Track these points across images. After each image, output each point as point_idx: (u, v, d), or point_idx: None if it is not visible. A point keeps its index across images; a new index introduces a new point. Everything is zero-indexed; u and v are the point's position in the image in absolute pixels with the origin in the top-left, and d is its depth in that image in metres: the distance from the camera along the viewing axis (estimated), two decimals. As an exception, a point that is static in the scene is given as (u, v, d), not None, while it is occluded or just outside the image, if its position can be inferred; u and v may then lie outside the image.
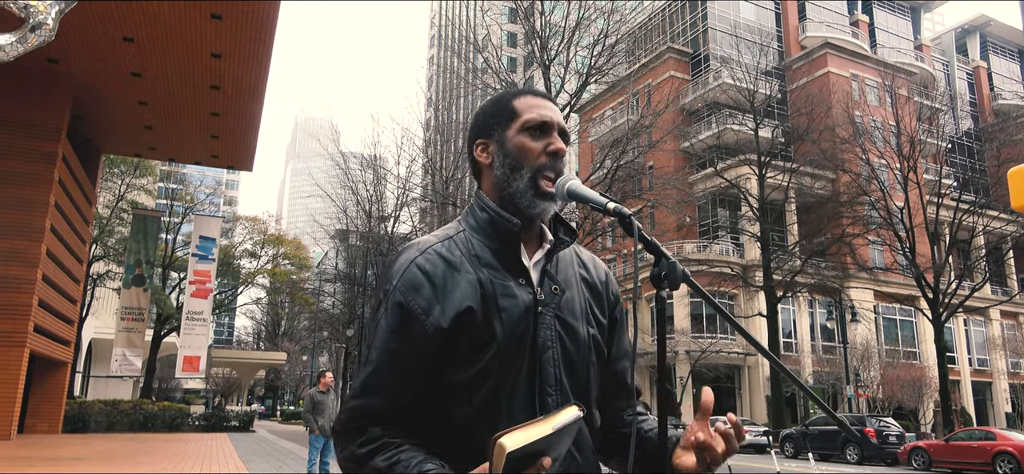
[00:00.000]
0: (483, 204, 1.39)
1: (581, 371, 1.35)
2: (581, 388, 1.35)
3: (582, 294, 1.42)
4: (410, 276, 1.30)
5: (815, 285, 33.97)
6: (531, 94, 1.44)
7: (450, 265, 1.31)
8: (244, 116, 19.56)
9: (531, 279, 1.34)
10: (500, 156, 1.38)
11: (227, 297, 47.81)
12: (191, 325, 26.51)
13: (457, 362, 1.27)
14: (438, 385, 1.28)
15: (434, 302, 1.27)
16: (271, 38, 15.95)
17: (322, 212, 43.69)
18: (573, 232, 1.42)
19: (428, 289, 1.28)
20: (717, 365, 38.07)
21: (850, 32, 50.58)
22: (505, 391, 1.27)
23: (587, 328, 1.38)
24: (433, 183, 32.52)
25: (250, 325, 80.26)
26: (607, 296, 1.48)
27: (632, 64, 40.68)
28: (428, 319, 1.26)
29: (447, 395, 1.28)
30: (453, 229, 1.39)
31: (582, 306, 1.40)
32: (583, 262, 1.48)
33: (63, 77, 17.32)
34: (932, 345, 30.31)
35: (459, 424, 1.26)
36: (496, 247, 1.35)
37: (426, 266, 1.30)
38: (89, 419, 23.34)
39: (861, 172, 33.18)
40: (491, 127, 1.41)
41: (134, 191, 35.69)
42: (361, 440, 1.25)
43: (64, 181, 18.21)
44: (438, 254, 1.32)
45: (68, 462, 12.49)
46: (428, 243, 1.35)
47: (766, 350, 1.20)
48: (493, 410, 1.26)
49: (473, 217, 1.40)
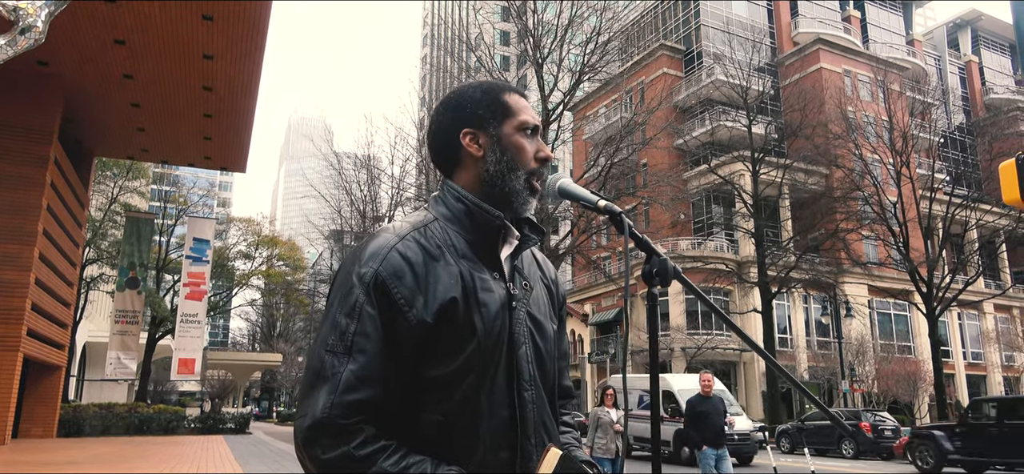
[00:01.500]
0: (458, 194, 1.34)
1: (549, 366, 1.37)
2: (549, 384, 1.37)
3: (543, 291, 1.44)
4: (393, 262, 1.22)
5: (810, 281, 34.07)
6: (517, 92, 1.44)
7: (429, 255, 1.25)
8: (237, 117, 19.50)
9: (504, 273, 1.33)
10: (495, 151, 1.35)
11: (222, 299, 47.69)
12: (186, 327, 26.42)
13: (437, 357, 1.21)
14: (413, 381, 1.22)
15: (417, 293, 1.21)
16: (263, 39, 15.91)
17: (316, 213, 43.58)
18: (540, 231, 1.42)
19: (410, 278, 1.21)
20: (713, 362, 38.13)
21: (842, 28, 50.72)
22: (485, 387, 1.24)
23: (551, 324, 1.41)
24: (427, 182, 32.48)
25: (245, 327, 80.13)
26: (557, 297, 1.51)
27: (625, 62, 40.76)
28: (411, 311, 1.20)
29: (423, 391, 1.21)
30: (426, 217, 1.33)
31: (545, 302, 1.43)
32: (538, 262, 1.50)
33: (54, 80, 17.23)
34: (926, 339, 30.42)
35: (435, 421, 1.21)
36: (472, 239, 1.31)
37: (408, 254, 1.24)
38: (84, 423, 23.24)
39: (854, 167, 33.27)
40: (483, 119, 1.37)
41: (127, 194, 35.57)
42: (359, 439, 1.14)
43: (56, 184, 18.13)
44: (417, 242, 1.26)
45: (63, 466, 12.43)
46: (404, 230, 1.29)
47: (758, 346, 1.21)
48: (472, 406, 1.22)
49: (445, 206, 1.35)
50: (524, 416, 1.27)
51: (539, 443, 1.29)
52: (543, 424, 1.32)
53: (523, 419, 1.26)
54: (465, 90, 1.42)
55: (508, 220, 1.36)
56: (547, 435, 1.32)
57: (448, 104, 1.42)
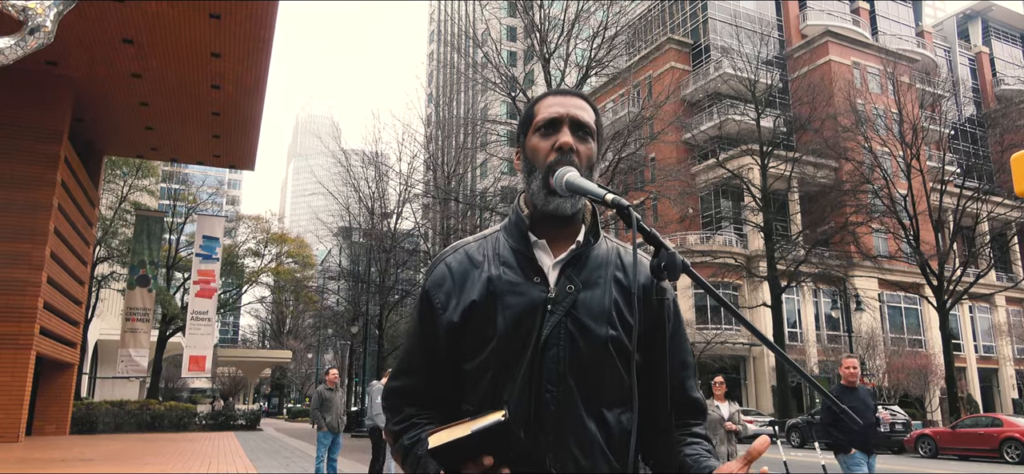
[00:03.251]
0: (516, 206, 1.48)
1: (594, 371, 1.33)
2: (592, 388, 1.33)
3: (610, 295, 1.38)
4: (438, 272, 1.46)
5: (819, 274, 33.90)
6: (551, 94, 1.48)
7: (473, 263, 1.43)
8: (245, 115, 19.57)
9: (547, 278, 1.37)
10: (524, 162, 1.47)
11: (232, 296, 47.90)
12: (196, 325, 26.58)
13: (466, 352, 1.38)
14: (455, 373, 1.41)
15: (452, 297, 1.41)
16: (271, 36, 15.95)
17: (325, 210, 43.68)
18: (598, 233, 1.45)
19: (449, 284, 1.42)
20: (722, 356, 38.01)
21: (851, 20, 50.36)
22: (506, 382, 1.32)
23: (607, 329, 1.35)
24: (435, 179, 32.51)
25: (255, 324, 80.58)
26: (651, 299, 1.42)
27: (632, 56, 40.63)
28: (445, 313, 1.40)
29: (462, 382, 1.40)
30: (494, 229, 1.51)
31: (605, 307, 1.37)
32: (623, 264, 1.45)
33: (63, 80, 17.33)
34: (937, 332, 30.25)
35: (467, 410, 1.35)
36: (516, 246, 1.42)
37: (453, 264, 1.45)
38: (96, 420, 23.42)
39: (864, 160, 33.06)
40: (520, 135, 1.51)
41: (137, 192, 35.76)
42: (396, 419, 1.43)
43: (67, 183, 18.24)
44: (467, 253, 1.46)
45: (76, 463, 12.54)
46: (464, 243, 1.50)
47: (767, 338, 1.20)
48: (494, 399, 1.33)
49: (508, 218, 1.50)
50: (540, 414, 1.30)
51: (561, 444, 1.29)
52: (570, 426, 1.30)
53: (539, 417, 1.30)
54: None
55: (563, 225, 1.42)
56: (575, 438, 1.30)
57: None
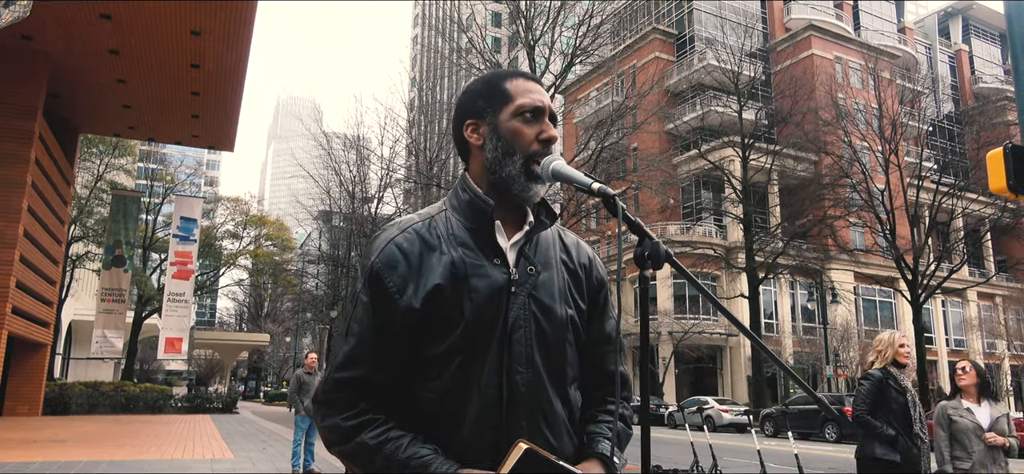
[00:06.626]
0: (465, 186, 1.41)
1: (556, 350, 1.36)
2: (556, 367, 1.36)
3: (561, 276, 1.42)
4: (388, 254, 1.34)
5: (797, 267, 34.29)
6: (522, 77, 1.45)
7: (427, 245, 1.35)
8: (225, 95, 19.32)
9: (507, 259, 1.36)
10: (493, 139, 1.39)
11: (209, 278, 47.43)
12: (173, 306, 26.28)
13: (429, 338, 1.31)
14: (412, 360, 1.32)
15: (408, 280, 1.31)
16: (252, 15, 15.74)
17: (305, 193, 43.27)
18: (554, 215, 1.44)
19: (404, 267, 1.32)
20: (699, 346, 38.40)
21: (834, 15, 50.73)
22: (474, 367, 1.29)
23: (565, 309, 1.39)
24: (417, 164, 32.31)
25: (232, 307, 79.82)
26: (590, 280, 1.48)
27: (617, 45, 40.59)
28: (401, 298, 1.30)
29: (420, 369, 1.31)
30: (436, 209, 1.43)
31: (560, 287, 1.40)
32: (566, 246, 1.49)
33: (39, 55, 16.99)
34: (910, 326, 30.71)
35: (429, 398, 1.29)
36: (473, 227, 1.37)
37: (404, 245, 1.34)
38: (70, 401, 23.13)
39: (843, 154, 33.41)
40: (483, 109, 1.42)
41: (113, 171, 35.21)
42: (347, 413, 1.28)
43: (41, 160, 17.92)
44: (417, 233, 1.36)
45: (49, 445, 12.39)
46: (409, 222, 1.39)
47: (747, 329, 1.21)
48: (461, 385, 1.29)
49: (456, 198, 1.42)
50: (513, 397, 1.29)
51: (534, 426, 1.30)
52: (540, 407, 1.32)
53: (512, 400, 1.29)
54: (471, 82, 1.50)
55: (515, 206, 1.40)
56: (545, 419, 1.32)
57: (457, 97, 1.51)
